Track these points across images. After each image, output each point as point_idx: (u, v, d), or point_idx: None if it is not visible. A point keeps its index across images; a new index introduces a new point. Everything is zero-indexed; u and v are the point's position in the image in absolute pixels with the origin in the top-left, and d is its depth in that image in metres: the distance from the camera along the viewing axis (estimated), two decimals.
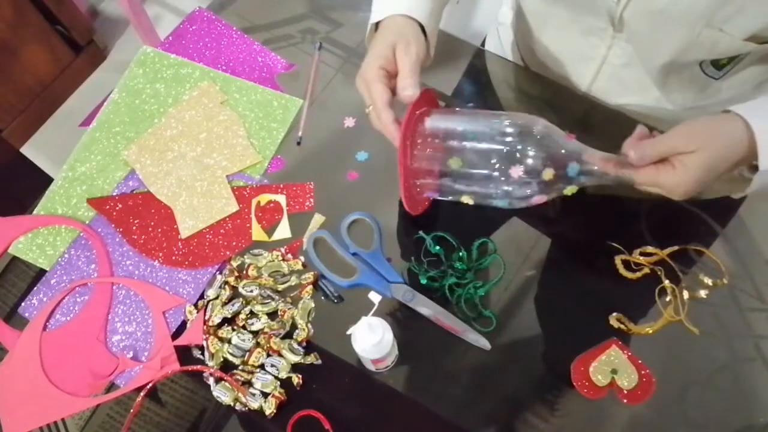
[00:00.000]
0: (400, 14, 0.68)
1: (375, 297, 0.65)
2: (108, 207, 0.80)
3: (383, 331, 0.64)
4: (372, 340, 0.63)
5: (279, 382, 0.70)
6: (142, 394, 0.70)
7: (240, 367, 0.71)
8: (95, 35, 1.93)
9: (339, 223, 0.78)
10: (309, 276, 0.75)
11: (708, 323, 0.71)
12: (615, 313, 0.72)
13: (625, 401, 0.67)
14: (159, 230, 0.79)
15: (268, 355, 0.71)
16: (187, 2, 1.94)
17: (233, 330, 0.72)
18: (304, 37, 0.94)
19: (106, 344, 0.74)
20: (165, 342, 0.73)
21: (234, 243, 0.78)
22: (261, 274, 0.76)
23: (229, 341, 0.72)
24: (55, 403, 0.71)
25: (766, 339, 0.71)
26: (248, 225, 0.79)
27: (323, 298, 0.75)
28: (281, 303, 0.73)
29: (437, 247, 0.75)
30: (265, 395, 0.69)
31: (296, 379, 0.70)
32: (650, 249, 0.74)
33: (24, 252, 0.79)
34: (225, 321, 0.73)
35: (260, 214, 0.80)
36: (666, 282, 0.73)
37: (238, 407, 0.69)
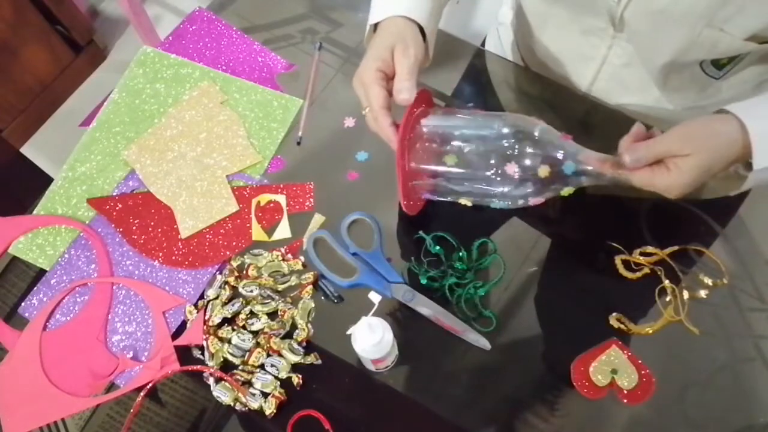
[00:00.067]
0: (399, 15, 0.68)
1: (375, 297, 0.65)
2: (108, 207, 0.80)
3: (383, 331, 0.64)
4: (372, 340, 0.63)
5: (279, 382, 0.70)
6: (142, 394, 0.70)
7: (240, 367, 0.71)
8: (95, 35, 1.93)
9: (339, 223, 0.78)
10: (309, 276, 0.75)
11: (708, 323, 0.71)
12: (615, 313, 0.72)
13: (625, 401, 0.67)
14: (159, 230, 0.79)
15: (268, 355, 0.71)
16: (187, 2, 1.94)
17: (233, 330, 0.72)
18: (304, 37, 0.94)
19: (106, 344, 0.74)
20: (165, 342, 0.73)
21: (234, 243, 0.78)
22: (261, 274, 0.76)
23: (229, 341, 0.72)
24: (55, 403, 0.71)
25: (766, 339, 0.71)
26: (248, 225, 0.79)
27: (323, 298, 0.75)
28: (281, 303, 0.73)
29: (437, 247, 0.75)
30: (265, 395, 0.69)
31: (296, 379, 0.70)
32: (650, 249, 0.74)
33: (24, 252, 0.79)
34: (225, 321, 0.73)
35: (260, 214, 0.80)
36: (666, 282, 0.73)
37: (238, 407, 0.69)
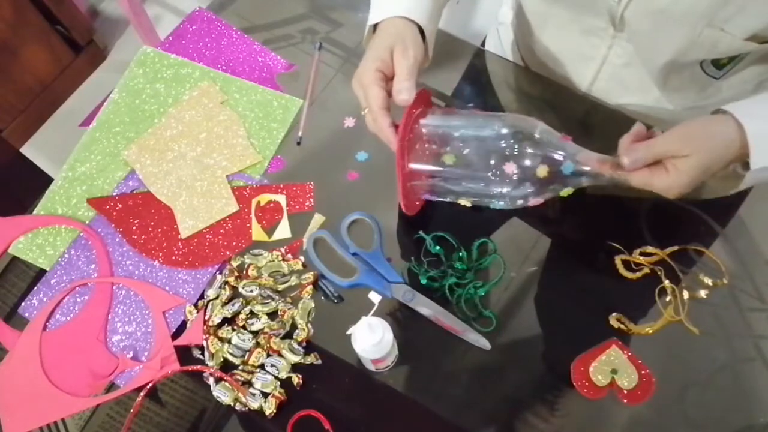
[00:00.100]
0: (399, 16, 0.67)
1: (375, 297, 0.65)
2: (108, 207, 0.80)
3: (383, 331, 0.64)
4: (372, 340, 0.63)
5: (279, 382, 0.70)
6: (142, 394, 0.70)
7: (240, 367, 0.71)
8: (95, 35, 1.93)
9: (339, 223, 0.78)
10: (309, 276, 0.75)
11: (708, 323, 0.71)
12: (615, 313, 0.72)
13: (625, 401, 0.67)
14: (159, 230, 0.79)
15: (268, 355, 0.71)
16: (187, 2, 1.94)
17: (233, 330, 0.72)
18: (304, 37, 0.94)
19: (106, 344, 0.74)
20: (165, 342, 0.73)
21: (234, 243, 0.78)
22: (261, 274, 0.76)
23: (229, 341, 0.72)
24: (55, 403, 0.71)
25: (766, 339, 0.71)
26: (248, 225, 0.79)
27: (323, 298, 0.75)
28: (281, 303, 0.73)
29: (437, 247, 0.75)
30: (265, 395, 0.69)
31: (296, 379, 0.70)
32: (650, 249, 0.74)
33: (24, 252, 0.79)
34: (225, 321, 0.73)
35: (260, 214, 0.80)
36: (666, 282, 0.73)
37: (238, 407, 0.69)
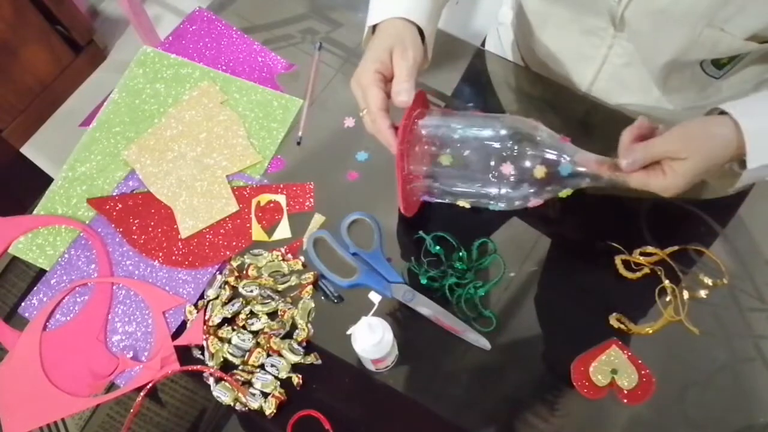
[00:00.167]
0: (398, 17, 0.67)
1: (375, 297, 0.65)
2: (108, 207, 0.80)
3: (383, 331, 0.64)
4: (372, 340, 0.63)
5: (279, 382, 0.70)
6: (142, 394, 0.70)
7: (240, 367, 0.71)
8: (95, 35, 1.93)
9: (339, 223, 0.78)
10: (309, 276, 0.75)
11: (708, 323, 0.71)
12: (615, 313, 0.72)
13: (625, 401, 0.67)
14: (159, 230, 0.79)
15: (268, 355, 0.71)
16: (187, 2, 1.94)
17: (233, 330, 0.72)
18: (304, 37, 0.94)
19: (106, 344, 0.74)
20: (165, 342, 0.73)
21: (234, 243, 0.78)
22: (261, 274, 0.76)
23: (229, 341, 0.72)
24: (55, 403, 0.71)
25: (766, 339, 0.71)
26: (248, 225, 0.79)
27: (323, 298, 0.75)
28: (281, 303, 0.73)
29: (437, 247, 0.75)
30: (265, 395, 0.69)
31: (296, 379, 0.70)
32: (650, 249, 0.74)
33: (24, 252, 0.79)
34: (225, 321, 0.73)
35: (260, 214, 0.80)
36: (666, 282, 0.73)
37: (238, 407, 0.69)
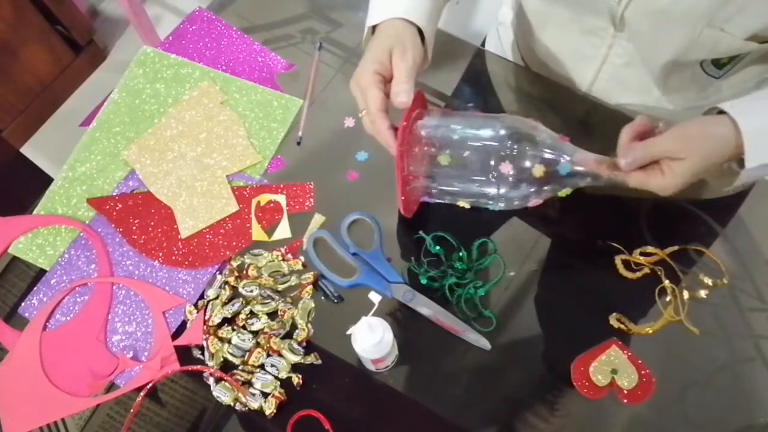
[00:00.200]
0: (398, 17, 0.67)
1: (375, 297, 0.65)
2: (108, 207, 0.80)
3: (383, 331, 0.64)
4: (372, 340, 0.63)
5: (279, 382, 0.70)
6: (142, 394, 0.70)
7: (240, 367, 0.71)
8: (95, 35, 1.93)
9: (339, 223, 0.78)
10: (309, 276, 0.75)
11: (708, 323, 0.71)
12: (615, 313, 0.72)
13: (625, 401, 0.67)
14: (159, 230, 0.79)
15: (268, 355, 0.71)
16: (187, 2, 1.94)
17: (233, 330, 0.72)
18: (304, 37, 0.94)
19: (106, 344, 0.74)
20: (165, 342, 0.73)
21: (234, 243, 0.78)
22: (261, 274, 0.76)
23: (229, 341, 0.72)
24: (55, 403, 0.71)
25: (766, 339, 0.71)
26: (248, 225, 0.79)
27: (323, 298, 0.75)
28: (281, 303, 0.73)
29: (437, 247, 0.75)
30: (265, 395, 0.69)
31: (296, 379, 0.70)
32: (650, 249, 0.74)
33: (24, 252, 0.79)
34: (225, 321, 0.73)
35: (260, 214, 0.80)
36: (666, 282, 0.73)
37: (238, 407, 0.69)
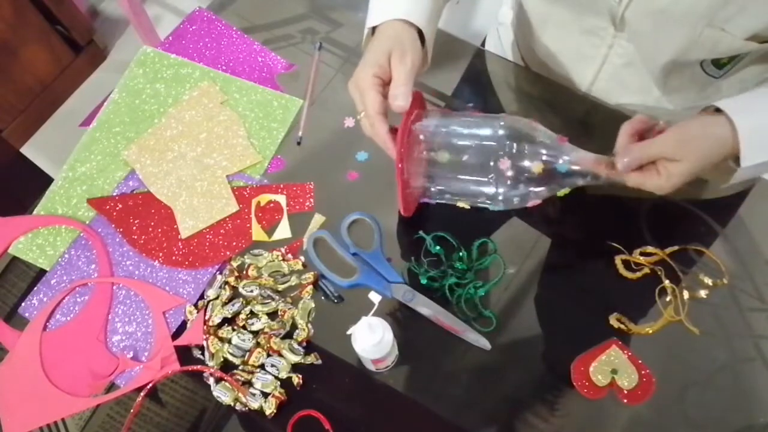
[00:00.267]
0: (398, 19, 0.67)
1: (375, 297, 0.65)
2: (108, 207, 0.80)
3: (383, 331, 0.64)
4: (372, 340, 0.63)
5: (279, 382, 0.70)
6: (142, 394, 0.70)
7: (240, 367, 0.71)
8: (95, 35, 1.93)
9: (339, 223, 0.78)
10: (309, 276, 0.75)
11: (708, 323, 0.71)
12: (615, 313, 0.72)
13: (625, 401, 0.67)
14: (159, 230, 0.79)
15: (268, 355, 0.71)
16: (187, 2, 1.94)
17: (233, 330, 0.72)
18: (304, 37, 0.94)
19: (106, 344, 0.74)
20: (165, 342, 0.73)
21: (234, 243, 0.78)
22: (261, 274, 0.76)
23: (229, 341, 0.72)
24: (55, 403, 0.71)
25: (766, 339, 0.71)
26: (248, 225, 0.79)
27: (323, 298, 0.75)
28: (281, 303, 0.73)
29: (437, 247, 0.75)
30: (265, 395, 0.69)
31: (296, 379, 0.70)
32: (650, 249, 0.74)
33: (24, 252, 0.79)
34: (225, 321, 0.73)
35: (260, 214, 0.80)
36: (666, 282, 0.73)
37: (238, 407, 0.69)
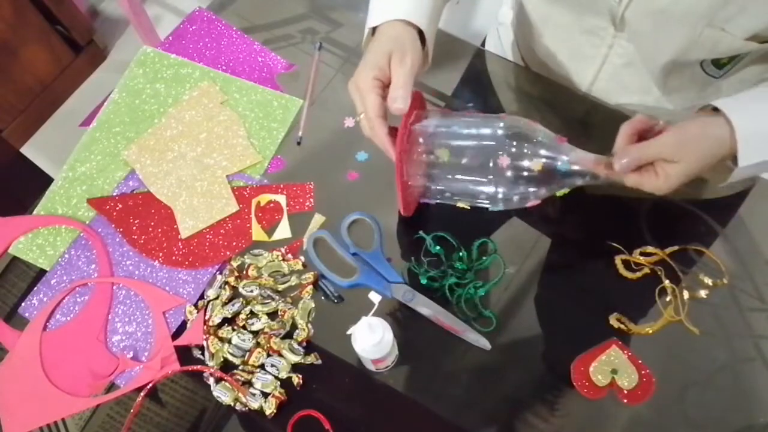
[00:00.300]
0: (398, 19, 0.67)
1: (375, 297, 0.65)
2: (108, 207, 0.80)
3: (383, 331, 0.64)
4: (372, 340, 0.63)
5: (279, 382, 0.70)
6: (142, 394, 0.70)
7: (240, 367, 0.71)
8: (95, 35, 1.93)
9: (339, 223, 0.78)
10: (309, 276, 0.75)
11: (708, 323, 0.71)
12: (615, 313, 0.72)
13: (625, 401, 0.67)
14: (159, 230, 0.79)
15: (268, 355, 0.71)
16: (187, 2, 1.94)
17: (233, 330, 0.72)
18: (304, 37, 0.94)
19: (106, 344, 0.74)
20: (165, 342, 0.73)
21: (234, 243, 0.78)
22: (261, 274, 0.76)
23: (229, 341, 0.72)
24: (55, 403, 0.71)
25: (766, 339, 0.71)
26: (248, 225, 0.79)
27: (323, 298, 0.75)
28: (281, 303, 0.73)
29: (437, 247, 0.75)
30: (265, 395, 0.69)
31: (296, 379, 0.70)
32: (650, 249, 0.74)
33: (24, 252, 0.79)
34: (225, 321, 0.73)
35: (260, 214, 0.80)
36: (666, 282, 0.73)
37: (238, 407, 0.69)
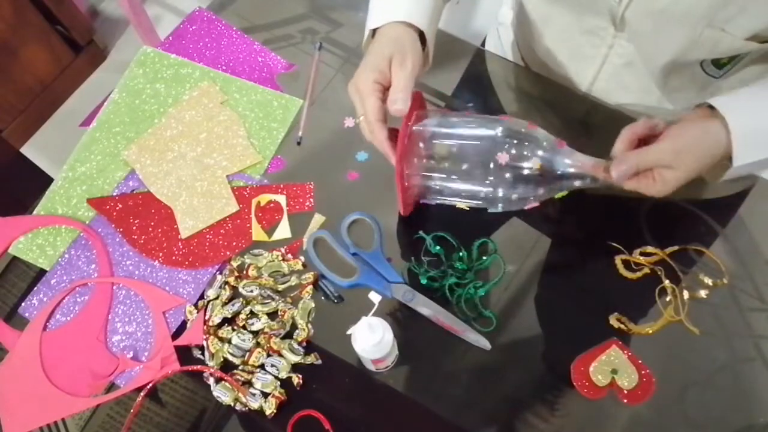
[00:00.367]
0: (399, 21, 0.67)
1: (375, 297, 0.65)
2: (108, 207, 0.80)
3: (383, 331, 0.64)
4: (372, 340, 0.63)
5: (279, 382, 0.70)
6: (142, 394, 0.70)
7: (240, 367, 0.71)
8: (95, 35, 1.93)
9: (339, 223, 0.78)
10: (309, 276, 0.75)
11: (708, 323, 0.71)
12: (615, 313, 0.72)
13: (625, 401, 0.67)
14: (159, 230, 0.79)
15: (268, 355, 0.71)
16: (187, 2, 1.94)
17: (233, 330, 0.72)
18: (304, 37, 0.94)
19: (106, 344, 0.74)
20: (165, 342, 0.73)
21: (234, 243, 0.78)
22: (261, 274, 0.76)
23: (229, 341, 0.72)
24: (55, 403, 0.71)
25: (766, 339, 0.71)
26: (248, 225, 0.79)
27: (323, 298, 0.75)
28: (281, 303, 0.73)
29: (437, 247, 0.75)
30: (265, 395, 0.69)
31: (296, 379, 0.70)
32: (650, 249, 0.74)
33: (24, 252, 0.79)
34: (225, 321, 0.73)
35: (260, 214, 0.80)
36: (666, 282, 0.73)
37: (238, 407, 0.69)
